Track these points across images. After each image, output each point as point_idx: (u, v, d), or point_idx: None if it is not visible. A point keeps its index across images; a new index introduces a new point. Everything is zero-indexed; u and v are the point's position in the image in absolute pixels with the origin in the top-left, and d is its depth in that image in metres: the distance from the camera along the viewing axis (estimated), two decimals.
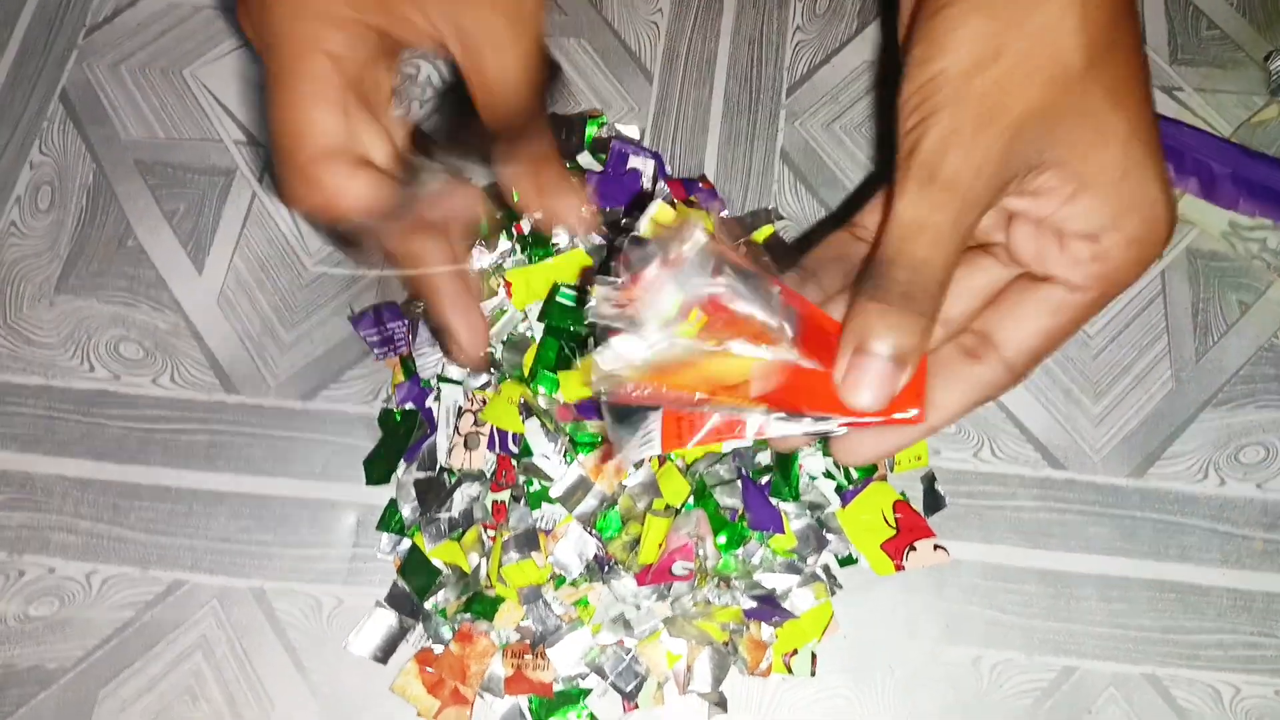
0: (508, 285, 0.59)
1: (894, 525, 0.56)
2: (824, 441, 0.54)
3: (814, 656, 0.55)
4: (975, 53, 0.36)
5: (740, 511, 0.54)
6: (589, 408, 0.56)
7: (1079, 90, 0.36)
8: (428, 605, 0.55)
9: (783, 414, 0.36)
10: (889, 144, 0.38)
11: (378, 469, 0.58)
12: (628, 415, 0.38)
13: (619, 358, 0.33)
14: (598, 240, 0.58)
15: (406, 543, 0.56)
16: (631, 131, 0.66)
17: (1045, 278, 0.39)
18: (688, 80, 0.68)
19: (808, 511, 0.56)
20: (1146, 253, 0.38)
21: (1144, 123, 0.37)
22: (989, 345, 0.40)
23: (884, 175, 0.44)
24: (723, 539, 0.54)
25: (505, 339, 0.59)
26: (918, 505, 0.58)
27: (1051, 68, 0.36)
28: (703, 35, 0.70)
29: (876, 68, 0.69)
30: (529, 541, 0.54)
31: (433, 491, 0.56)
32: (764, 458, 0.57)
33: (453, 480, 0.57)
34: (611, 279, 0.34)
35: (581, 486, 0.55)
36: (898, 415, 0.37)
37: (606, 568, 0.54)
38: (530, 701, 0.54)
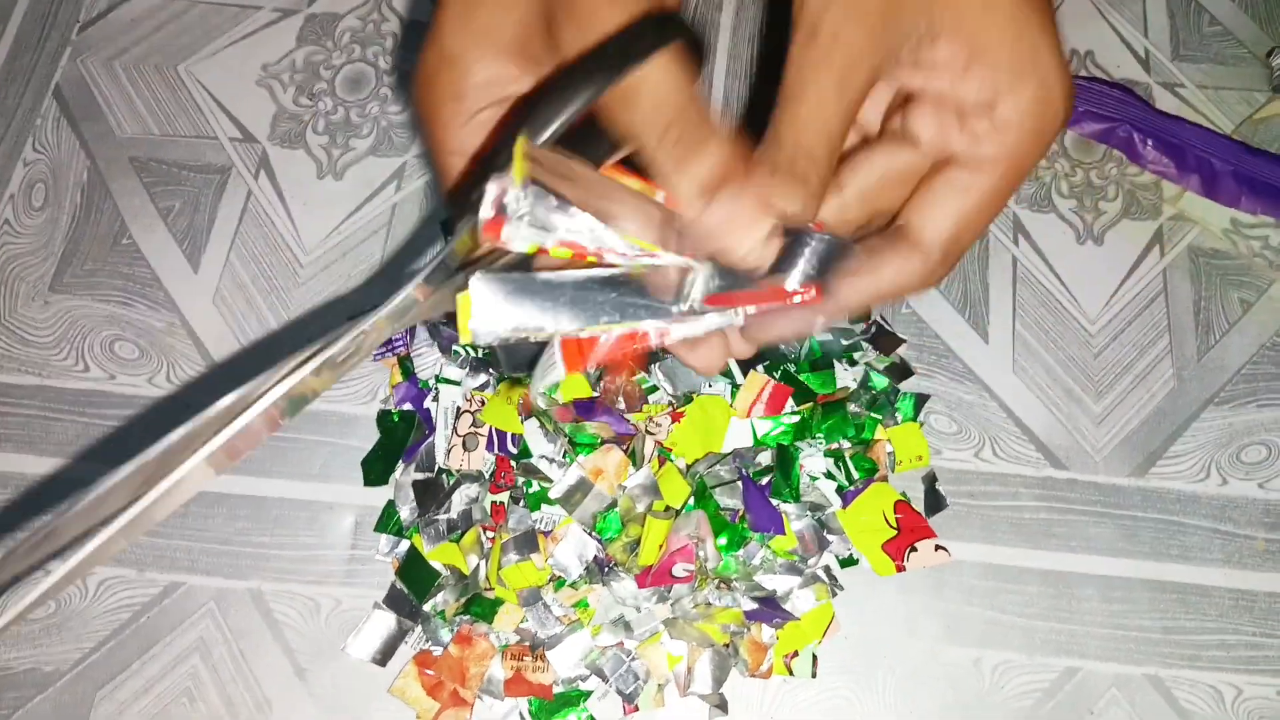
0: None
1: (895, 526, 0.56)
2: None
3: (815, 658, 0.54)
4: None
5: (741, 513, 0.54)
6: (589, 408, 0.55)
7: None
8: (427, 607, 0.55)
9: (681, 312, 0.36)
10: None
11: (376, 470, 0.58)
12: (523, 351, 0.37)
13: (493, 300, 0.33)
14: None
15: (405, 544, 0.56)
16: None
17: (951, 160, 0.38)
18: None
19: (808, 512, 0.56)
20: (1044, 124, 0.37)
21: None
22: (903, 233, 0.39)
23: None
24: (723, 540, 0.54)
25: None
26: (919, 505, 0.57)
27: None
28: (704, 31, 0.69)
29: None
30: (528, 543, 0.54)
31: (431, 493, 0.56)
32: (765, 458, 0.57)
33: (451, 481, 0.57)
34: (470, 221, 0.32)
35: (581, 488, 0.54)
36: (795, 296, 0.36)
37: (606, 569, 0.54)
38: (530, 704, 0.54)
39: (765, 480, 0.56)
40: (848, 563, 0.56)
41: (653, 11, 0.35)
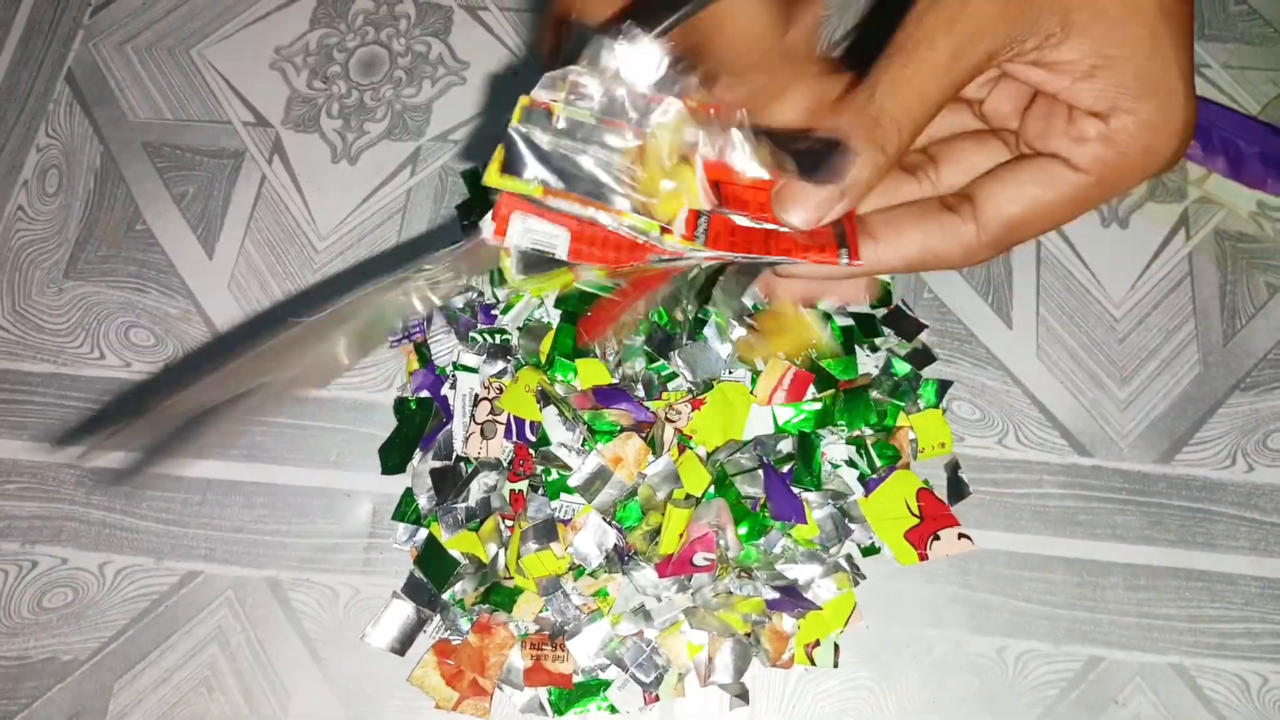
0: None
1: (917, 514, 0.55)
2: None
3: (837, 647, 0.54)
4: None
5: (762, 501, 0.54)
6: (608, 395, 0.55)
7: None
8: (445, 596, 0.54)
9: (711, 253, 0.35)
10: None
11: (393, 457, 0.57)
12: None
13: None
14: None
15: (423, 532, 0.56)
16: None
17: (1047, 154, 0.37)
18: None
19: (830, 501, 0.55)
20: (1157, 144, 0.35)
21: (1176, 4, 0.35)
22: (967, 202, 0.37)
23: None
24: (744, 529, 0.53)
25: (521, 326, 0.58)
26: (941, 493, 0.57)
27: None
28: None
29: None
30: (547, 532, 0.53)
31: (449, 481, 0.56)
32: (785, 446, 0.56)
33: (469, 469, 0.56)
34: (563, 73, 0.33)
35: (600, 476, 0.54)
36: (825, 257, 0.35)
37: (626, 558, 0.54)
38: (550, 693, 0.53)
39: (786, 468, 0.55)
40: (870, 551, 0.56)
41: None
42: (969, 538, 0.55)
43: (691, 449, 0.55)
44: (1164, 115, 0.35)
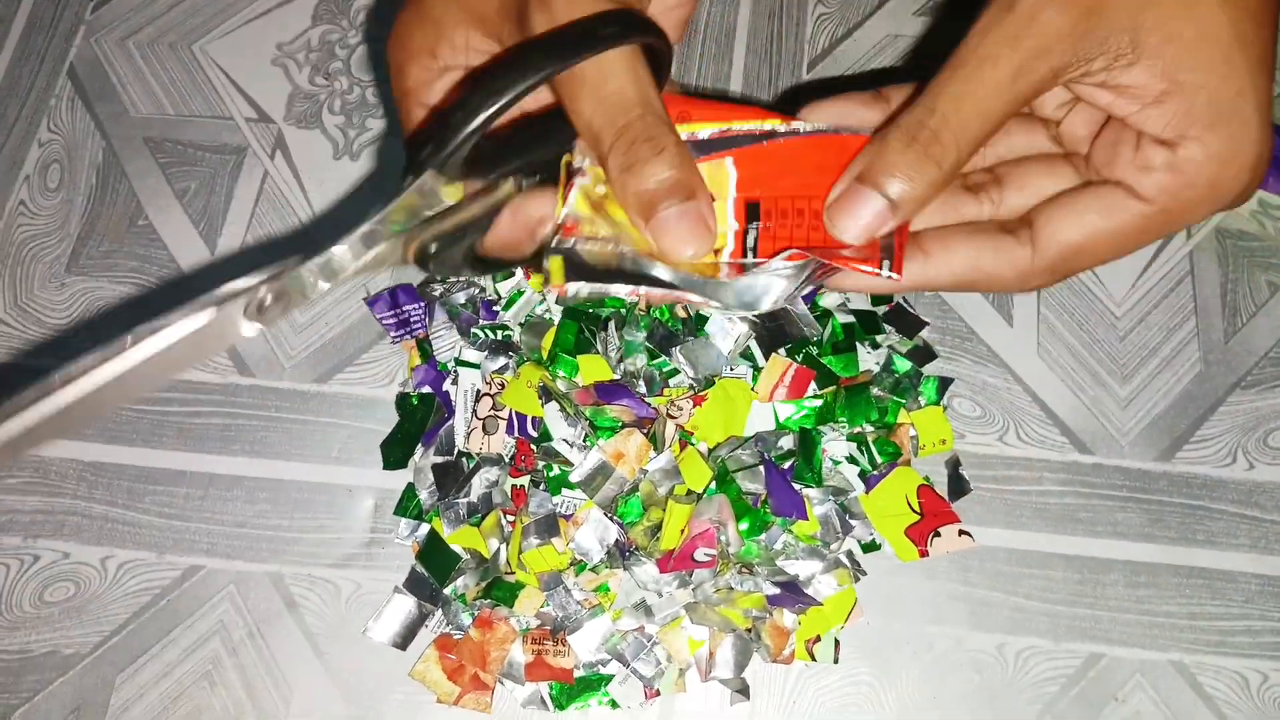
0: (525, 267, 0.58)
1: (918, 510, 0.55)
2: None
3: (837, 643, 0.54)
4: None
5: (763, 497, 0.54)
6: (610, 391, 0.55)
7: None
8: (447, 591, 0.55)
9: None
10: None
11: (395, 453, 0.57)
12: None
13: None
14: None
15: (425, 528, 0.56)
16: None
17: (1113, 181, 0.36)
18: (706, 54, 0.67)
19: (831, 497, 0.55)
20: (1226, 176, 0.34)
21: (1255, 30, 0.33)
22: (1026, 226, 0.36)
23: None
24: (745, 525, 0.53)
25: (523, 321, 0.58)
26: (942, 490, 0.57)
27: None
28: (722, 6, 0.68)
29: (899, 41, 0.67)
30: (549, 527, 0.53)
31: (451, 476, 0.56)
32: (787, 442, 0.56)
33: (471, 465, 0.56)
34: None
35: (602, 471, 0.54)
36: (869, 268, 0.35)
37: (628, 553, 0.54)
38: (551, 688, 0.53)
39: (787, 464, 0.55)
40: (870, 548, 0.56)
41: (622, 7, 0.34)
42: (969, 534, 0.55)
43: (693, 445, 0.55)
44: (1234, 147, 0.34)
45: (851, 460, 0.57)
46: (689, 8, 0.40)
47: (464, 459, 0.57)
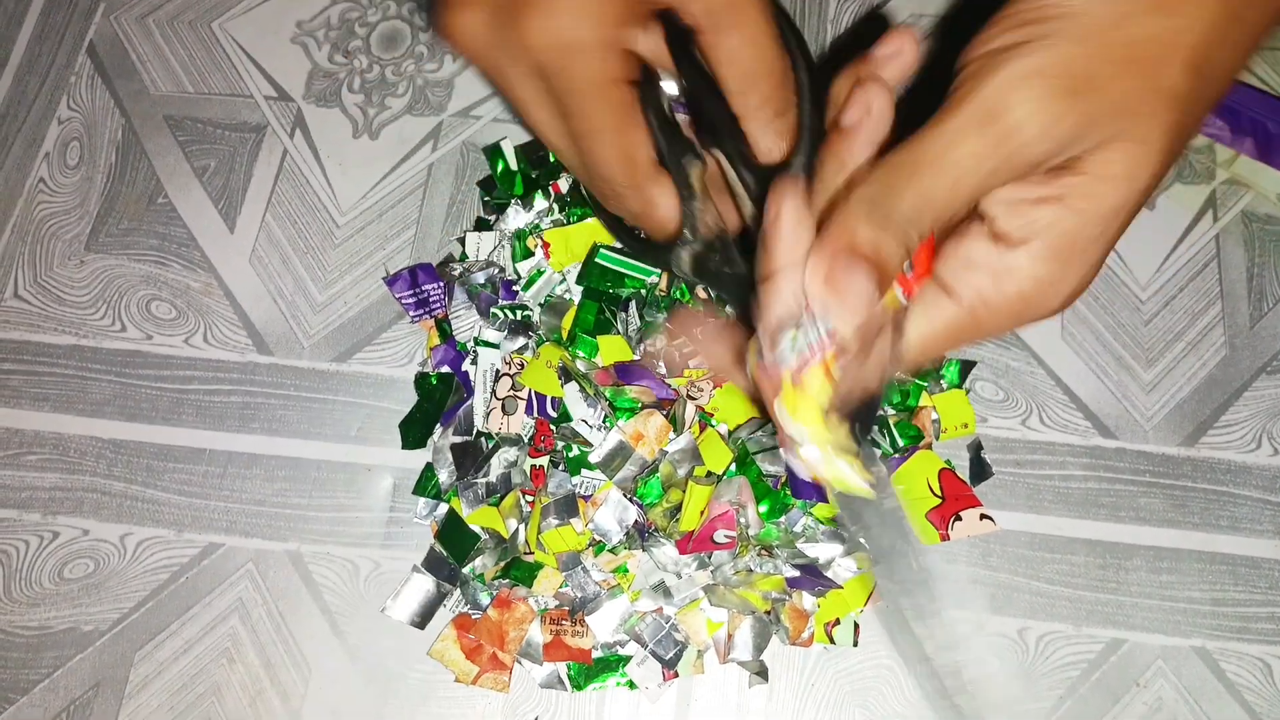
0: (546, 246, 0.58)
1: (939, 494, 0.55)
2: None
3: (857, 626, 0.54)
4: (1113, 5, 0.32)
5: (783, 479, 0.53)
6: (629, 372, 0.55)
7: (1164, 93, 0.33)
8: (466, 571, 0.54)
9: None
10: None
11: (414, 433, 0.57)
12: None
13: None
14: None
15: (443, 507, 0.56)
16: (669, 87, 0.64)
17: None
18: None
19: None
20: (1041, 299, 0.35)
21: (1154, 171, 0.34)
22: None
23: None
24: (765, 507, 0.53)
25: (543, 301, 0.58)
26: (964, 474, 0.56)
27: (1169, 43, 0.32)
28: None
29: (922, 22, 0.67)
30: (568, 507, 0.53)
31: (470, 456, 0.56)
32: None
33: (490, 445, 0.56)
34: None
35: (621, 452, 0.54)
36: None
37: (647, 534, 0.54)
38: (569, 668, 0.53)
39: None
40: None
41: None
42: (991, 518, 0.55)
43: (713, 426, 0.55)
44: (1062, 276, 0.35)
45: (873, 443, 0.56)
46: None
47: (483, 439, 0.56)
